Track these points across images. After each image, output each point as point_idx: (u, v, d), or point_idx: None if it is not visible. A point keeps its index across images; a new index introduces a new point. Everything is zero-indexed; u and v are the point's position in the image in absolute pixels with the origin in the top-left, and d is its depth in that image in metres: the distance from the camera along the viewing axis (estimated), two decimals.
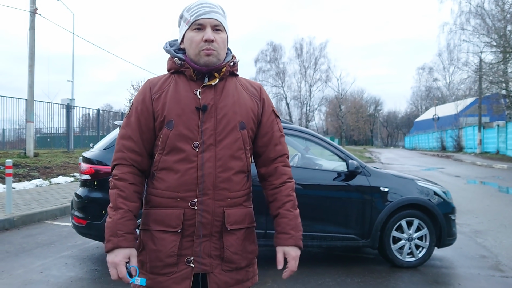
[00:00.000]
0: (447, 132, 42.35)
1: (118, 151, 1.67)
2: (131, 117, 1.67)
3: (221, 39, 1.65)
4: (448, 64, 58.35)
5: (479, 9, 29.32)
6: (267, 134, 1.75)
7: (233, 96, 1.68)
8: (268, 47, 61.54)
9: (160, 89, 1.66)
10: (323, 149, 5.02)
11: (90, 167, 4.62)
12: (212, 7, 1.65)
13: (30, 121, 14.98)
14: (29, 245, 5.54)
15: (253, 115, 1.71)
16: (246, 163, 1.68)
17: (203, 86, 1.64)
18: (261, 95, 1.77)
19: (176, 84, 1.66)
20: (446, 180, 13.79)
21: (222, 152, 1.61)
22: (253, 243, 1.74)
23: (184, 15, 1.68)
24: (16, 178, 10.39)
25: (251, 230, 1.74)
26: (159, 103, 1.64)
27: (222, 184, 1.61)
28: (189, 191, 1.58)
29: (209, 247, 1.61)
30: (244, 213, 1.69)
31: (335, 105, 67.76)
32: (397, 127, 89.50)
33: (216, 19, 1.64)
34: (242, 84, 1.75)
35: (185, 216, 1.58)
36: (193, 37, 1.63)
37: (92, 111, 24.03)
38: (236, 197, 1.65)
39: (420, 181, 4.99)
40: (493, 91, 30.41)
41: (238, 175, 1.65)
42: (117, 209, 1.58)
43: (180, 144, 1.60)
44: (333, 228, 4.61)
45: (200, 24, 1.62)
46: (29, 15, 14.88)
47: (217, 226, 1.61)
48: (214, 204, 1.60)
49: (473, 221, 7.28)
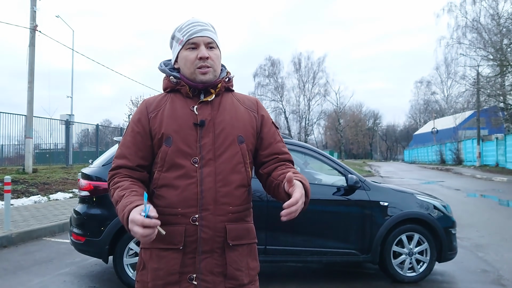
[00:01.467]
0: (446, 145, 42.39)
1: (113, 169, 1.67)
2: (127, 136, 1.69)
3: (215, 55, 1.67)
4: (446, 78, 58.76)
5: (475, 23, 29.67)
6: (271, 145, 1.76)
7: (230, 110, 1.69)
8: (266, 61, 61.93)
9: (157, 107, 1.68)
10: (322, 164, 5.02)
11: (89, 183, 4.61)
12: (203, 25, 1.67)
13: (29, 137, 14.97)
14: (27, 262, 5.49)
15: (252, 129, 1.72)
16: (246, 177, 1.68)
17: (200, 102, 1.66)
18: (258, 108, 1.78)
19: (173, 102, 1.67)
20: (446, 194, 13.76)
21: (222, 166, 1.61)
22: (255, 260, 1.72)
23: (176, 35, 1.71)
24: (15, 195, 10.34)
25: (253, 246, 1.72)
26: (156, 121, 1.65)
27: (222, 198, 1.60)
28: (189, 207, 1.57)
29: (211, 264, 1.59)
30: (245, 228, 1.68)
31: (334, 119, 67.87)
32: (396, 140, 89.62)
33: (209, 36, 1.66)
34: (238, 99, 1.76)
35: (187, 232, 1.57)
36: (188, 56, 1.65)
37: (91, 126, 24.04)
38: (237, 211, 1.64)
39: (419, 195, 4.99)
40: (491, 104, 30.56)
41: (238, 189, 1.64)
42: (120, 197, 1.54)
43: (179, 160, 1.60)
44: (333, 243, 4.58)
45: (194, 42, 1.65)
46: (29, 32, 14.99)
47: (219, 242, 1.59)
48: (215, 219, 1.58)
49: (474, 235, 7.24)
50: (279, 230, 4.44)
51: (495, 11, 28.30)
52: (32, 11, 15.07)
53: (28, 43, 15.00)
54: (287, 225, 4.37)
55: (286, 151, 1.80)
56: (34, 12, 15.09)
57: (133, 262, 4.35)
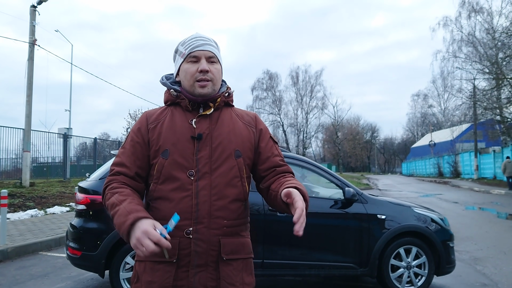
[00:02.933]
0: (443, 158, 42.47)
1: (111, 175, 1.67)
2: (126, 145, 1.70)
3: (216, 70, 1.69)
4: (443, 91, 59.15)
5: (471, 37, 29.97)
6: (269, 159, 1.76)
7: (228, 125, 1.70)
8: (264, 75, 62.15)
9: (157, 119, 1.70)
10: (319, 177, 5.02)
11: (85, 197, 4.59)
12: (206, 40, 1.71)
13: (27, 150, 14.95)
14: (23, 277, 5.44)
15: (250, 144, 1.72)
16: (242, 191, 1.68)
17: (199, 116, 1.67)
18: (257, 124, 1.79)
19: (172, 115, 1.69)
20: (444, 207, 13.74)
21: (218, 180, 1.62)
22: (250, 275, 1.71)
23: (179, 49, 1.73)
24: (11, 208, 10.28)
25: (249, 261, 1.71)
26: (155, 132, 1.66)
27: (217, 212, 1.60)
28: (184, 220, 1.56)
29: (205, 278, 1.58)
30: (241, 243, 1.67)
31: (332, 132, 67.95)
32: (394, 153, 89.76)
33: (210, 50, 1.69)
34: (237, 114, 1.78)
35: (180, 245, 1.57)
36: (188, 68, 1.67)
37: (89, 140, 24.02)
38: (232, 225, 1.63)
39: (417, 208, 4.98)
40: (487, 117, 30.69)
41: (234, 203, 1.64)
42: (120, 202, 1.53)
43: (175, 173, 1.60)
44: (331, 257, 4.56)
45: (195, 56, 1.67)
46: (28, 46, 15.07)
47: (213, 255, 1.59)
48: (209, 233, 1.58)
49: (472, 248, 7.22)
50: (277, 244, 4.42)
51: (490, 25, 28.62)
52: (32, 26, 15.18)
53: (27, 57, 15.07)
54: (284, 238, 4.37)
55: (284, 164, 1.80)
56: (33, 26, 15.20)
57: (129, 276, 4.32)
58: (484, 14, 29.28)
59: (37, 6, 15.33)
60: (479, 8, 29.61)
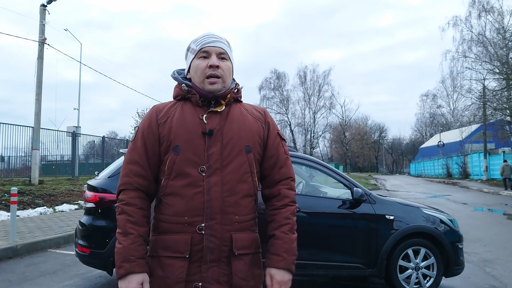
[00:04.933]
0: (452, 158, 42.17)
1: (125, 176, 1.67)
2: (137, 142, 1.69)
3: (226, 66, 1.70)
4: (452, 91, 58.79)
5: (481, 37, 29.72)
6: (273, 157, 1.76)
7: (238, 120, 1.70)
8: (272, 75, 62.16)
9: (166, 114, 1.69)
10: (327, 177, 5.01)
11: (94, 195, 4.62)
12: (217, 38, 1.72)
13: (36, 148, 15.07)
14: (32, 274, 5.49)
15: (259, 139, 1.73)
16: (253, 187, 1.69)
17: (209, 112, 1.67)
18: (266, 118, 1.80)
19: (182, 110, 1.69)
20: (453, 208, 13.64)
21: (229, 176, 1.63)
22: (259, 268, 1.73)
23: (190, 46, 1.75)
24: (21, 206, 10.38)
25: (258, 256, 1.74)
26: (165, 128, 1.66)
27: (229, 208, 1.61)
28: (196, 216, 1.58)
29: (218, 273, 1.60)
30: (251, 238, 1.69)
31: (340, 132, 67.77)
32: (402, 153, 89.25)
33: (221, 47, 1.70)
34: (246, 109, 1.78)
35: (193, 241, 1.58)
36: (199, 64, 1.68)
37: (97, 138, 24.18)
38: (243, 221, 1.65)
39: (425, 209, 4.95)
40: (497, 118, 30.43)
41: (245, 199, 1.66)
42: (127, 234, 1.58)
43: (187, 169, 1.61)
44: (339, 257, 4.54)
45: (206, 51, 1.68)
46: (38, 45, 15.19)
47: (225, 251, 1.61)
48: (221, 229, 1.60)
49: (481, 250, 7.16)
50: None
51: (501, 25, 28.38)
52: (41, 25, 15.29)
53: (37, 56, 15.19)
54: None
55: (287, 165, 1.80)
56: (43, 25, 15.31)
57: None
58: (494, 13, 29.04)
59: (47, 5, 15.44)
60: (489, 8, 29.37)
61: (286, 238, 1.68)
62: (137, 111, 34.07)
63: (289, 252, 1.67)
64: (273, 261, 1.66)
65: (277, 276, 1.64)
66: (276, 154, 1.77)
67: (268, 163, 1.76)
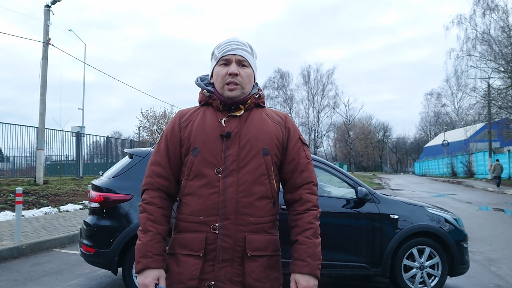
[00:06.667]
0: (457, 157, 42.02)
1: (148, 177, 1.77)
2: (161, 144, 1.79)
3: (246, 73, 1.74)
4: (456, 90, 58.70)
5: (486, 35, 29.56)
6: (294, 161, 1.78)
7: (257, 124, 1.74)
8: (275, 74, 62.25)
9: (189, 118, 1.77)
10: (331, 176, 5.00)
11: (99, 195, 4.63)
12: (239, 45, 1.76)
13: (41, 148, 15.14)
14: (37, 273, 5.52)
15: (278, 142, 1.75)
16: (270, 189, 1.71)
17: (229, 116, 1.72)
18: (287, 123, 1.83)
19: (204, 114, 1.76)
20: (457, 207, 13.59)
21: (245, 177, 1.66)
22: (277, 271, 1.75)
23: (214, 52, 1.80)
24: (26, 206, 10.43)
25: (276, 258, 1.75)
26: (186, 131, 1.74)
27: (244, 209, 1.64)
28: (211, 216, 1.63)
29: (231, 273, 1.63)
30: (267, 240, 1.70)
31: (344, 131, 67.67)
32: (407, 153, 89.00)
33: (241, 55, 1.74)
34: (267, 114, 1.82)
35: (207, 240, 1.63)
36: (219, 71, 1.74)
37: (102, 138, 24.25)
38: (259, 222, 1.67)
39: (430, 208, 4.93)
40: (502, 116, 30.29)
41: (261, 201, 1.68)
42: (146, 231, 1.66)
43: (204, 170, 1.66)
44: (343, 256, 4.54)
45: (226, 59, 1.73)
46: (42, 46, 15.25)
47: (239, 251, 1.64)
48: (235, 229, 1.63)
49: (487, 249, 7.13)
50: (288, 243, 4.41)
51: (505, 23, 28.22)
52: (45, 26, 15.36)
53: (41, 56, 15.25)
54: None
55: (309, 169, 1.80)
56: (47, 26, 15.38)
57: None
58: (499, 12, 28.85)
59: (51, 6, 15.50)
60: (494, 6, 29.19)
61: (309, 243, 1.70)
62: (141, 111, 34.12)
63: (314, 257, 1.68)
64: (297, 266, 1.68)
65: (302, 282, 1.65)
66: (296, 158, 1.79)
67: (288, 167, 1.78)
